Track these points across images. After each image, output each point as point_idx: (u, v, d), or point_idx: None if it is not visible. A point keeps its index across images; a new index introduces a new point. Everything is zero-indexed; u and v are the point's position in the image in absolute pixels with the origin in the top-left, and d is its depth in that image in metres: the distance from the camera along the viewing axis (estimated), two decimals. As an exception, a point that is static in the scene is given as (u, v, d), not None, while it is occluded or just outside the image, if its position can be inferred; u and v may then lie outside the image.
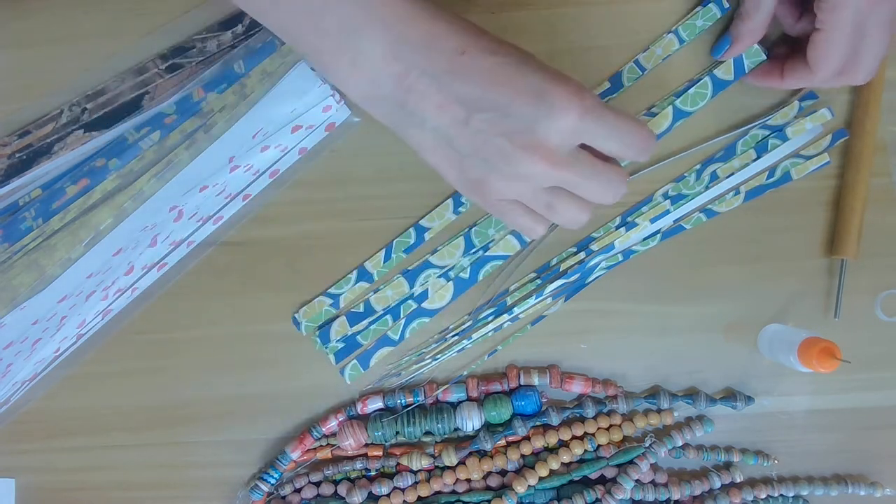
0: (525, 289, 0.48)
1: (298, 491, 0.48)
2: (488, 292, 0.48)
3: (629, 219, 0.47)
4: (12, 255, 0.43)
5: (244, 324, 0.48)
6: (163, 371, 0.48)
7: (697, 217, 0.48)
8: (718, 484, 0.48)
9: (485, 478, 0.48)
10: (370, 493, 0.47)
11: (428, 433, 0.48)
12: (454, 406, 0.48)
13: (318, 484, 0.48)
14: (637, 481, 0.47)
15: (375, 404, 0.48)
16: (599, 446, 0.47)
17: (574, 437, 0.47)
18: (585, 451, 0.47)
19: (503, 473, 0.48)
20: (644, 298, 0.48)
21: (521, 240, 0.47)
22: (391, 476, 0.48)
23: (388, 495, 0.47)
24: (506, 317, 0.47)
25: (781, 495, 0.48)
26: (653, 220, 0.47)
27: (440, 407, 0.48)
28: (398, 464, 0.47)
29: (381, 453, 0.48)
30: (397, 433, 0.47)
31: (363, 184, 0.48)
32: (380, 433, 0.47)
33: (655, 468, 0.48)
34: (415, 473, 0.47)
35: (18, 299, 0.43)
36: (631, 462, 0.47)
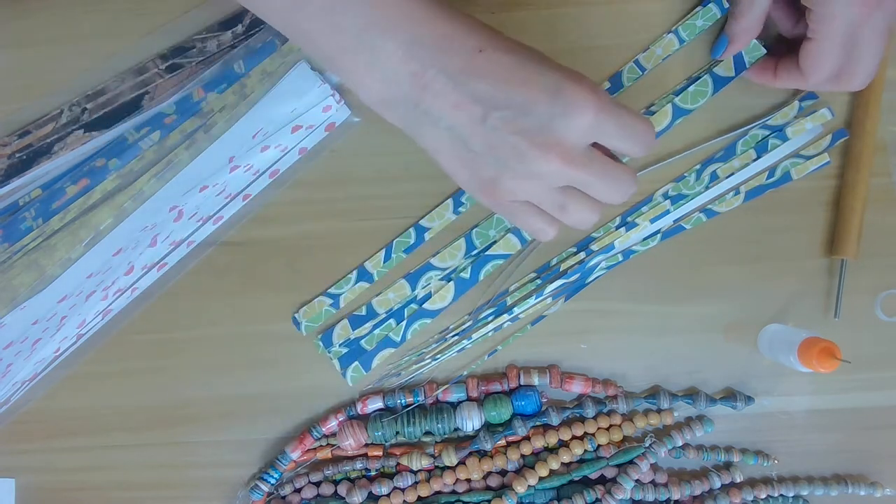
0: (525, 289, 0.48)
1: (298, 491, 0.48)
2: (488, 292, 0.48)
3: (629, 219, 0.47)
4: (12, 255, 0.43)
5: (244, 324, 0.48)
6: (163, 371, 0.48)
7: (697, 217, 0.48)
8: (718, 484, 0.48)
9: (485, 478, 0.48)
10: (370, 493, 0.47)
11: (428, 433, 0.48)
12: (454, 406, 0.48)
13: (318, 484, 0.48)
14: (637, 481, 0.47)
15: (375, 404, 0.48)
16: (599, 446, 0.47)
17: (574, 437, 0.47)
18: (585, 451, 0.47)
19: (503, 473, 0.48)
20: (644, 298, 0.48)
21: (522, 238, 0.47)
22: (391, 476, 0.48)
23: (388, 495, 0.47)
24: (506, 317, 0.47)
25: (781, 495, 0.48)
26: (653, 220, 0.47)
27: (440, 407, 0.48)
28: (398, 464, 0.47)
29: (381, 453, 0.48)
30: (397, 433, 0.47)
31: (363, 184, 0.48)
32: (380, 433, 0.47)
33: (655, 468, 0.48)
34: (415, 473, 0.47)
35: (18, 299, 0.43)
36: (631, 462, 0.47)
